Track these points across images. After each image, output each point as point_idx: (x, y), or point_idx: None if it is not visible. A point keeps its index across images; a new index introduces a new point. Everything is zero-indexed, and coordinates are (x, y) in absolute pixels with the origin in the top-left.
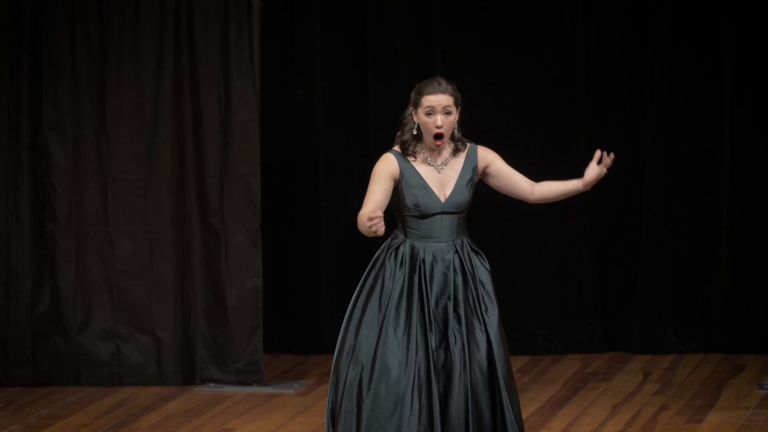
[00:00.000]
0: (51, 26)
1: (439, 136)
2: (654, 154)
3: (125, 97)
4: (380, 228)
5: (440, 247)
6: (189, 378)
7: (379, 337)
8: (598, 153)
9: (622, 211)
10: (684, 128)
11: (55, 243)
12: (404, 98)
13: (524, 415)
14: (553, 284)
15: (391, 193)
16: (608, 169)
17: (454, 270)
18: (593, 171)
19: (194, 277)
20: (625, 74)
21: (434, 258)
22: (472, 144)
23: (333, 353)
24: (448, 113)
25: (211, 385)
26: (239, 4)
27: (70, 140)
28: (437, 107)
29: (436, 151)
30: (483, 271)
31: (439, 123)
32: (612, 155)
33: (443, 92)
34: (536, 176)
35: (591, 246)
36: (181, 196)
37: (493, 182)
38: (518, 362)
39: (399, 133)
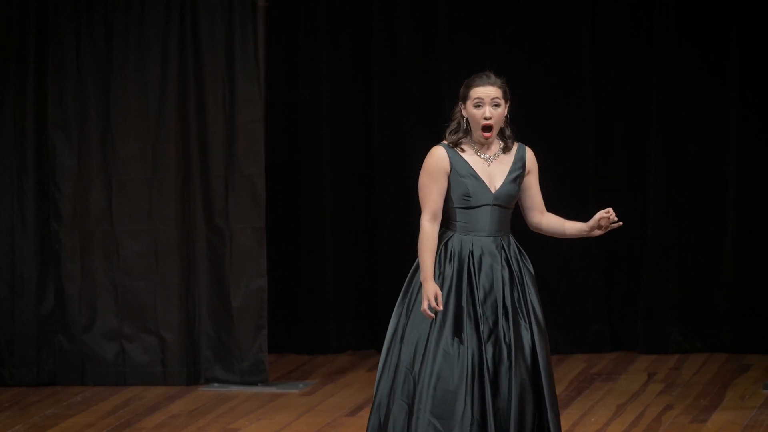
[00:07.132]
0: (56, 26)
1: (487, 128)
2: (659, 154)
3: (130, 97)
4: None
5: (488, 241)
6: (194, 378)
7: (430, 333)
8: (609, 210)
9: (627, 210)
10: (689, 129)
11: (60, 243)
12: (410, 98)
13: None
14: (558, 284)
15: (446, 189)
16: (613, 171)
17: (501, 265)
18: (600, 230)
19: (199, 277)
20: (631, 76)
21: (483, 251)
22: (522, 144)
23: (337, 353)
24: (497, 105)
25: (216, 384)
26: (244, 4)
27: (75, 140)
28: (485, 99)
29: (486, 144)
30: (528, 274)
31: (488, 114)
32: (618, 222)
33: (492, 84)
34: (542, 178)
35: (596, 246)
36: (186, 196)
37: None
38: None
39: (447, 128)
